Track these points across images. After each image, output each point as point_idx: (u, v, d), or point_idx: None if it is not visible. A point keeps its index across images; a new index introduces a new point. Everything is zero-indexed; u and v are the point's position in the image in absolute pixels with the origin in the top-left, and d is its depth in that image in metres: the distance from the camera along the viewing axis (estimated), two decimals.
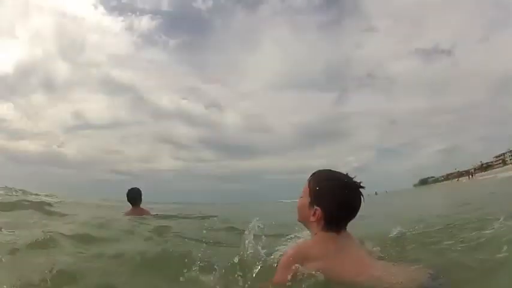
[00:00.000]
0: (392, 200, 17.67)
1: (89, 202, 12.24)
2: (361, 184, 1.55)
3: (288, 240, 2.08)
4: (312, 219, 1.56)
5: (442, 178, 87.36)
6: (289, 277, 1.43)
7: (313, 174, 1.67)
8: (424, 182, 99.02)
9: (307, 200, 1.61)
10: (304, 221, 1.66)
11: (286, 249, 1.75)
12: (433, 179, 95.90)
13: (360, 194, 1.56)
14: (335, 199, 1.53)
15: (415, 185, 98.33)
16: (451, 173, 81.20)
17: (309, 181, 1.64)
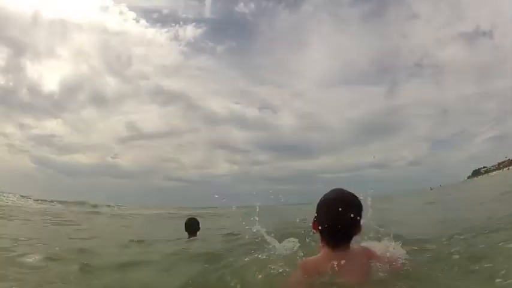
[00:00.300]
0: (446, 196, 16.78)
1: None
2: (340, 209, 1.55)
3: None
4: (314, 230, 1.69)
5: (494, 168, 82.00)
6: None
7: None
8: (476, 173, 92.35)
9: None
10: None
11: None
12: (485, 169, 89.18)
13: (344, 214, 1.55)
14: (321, 215, 1.64)
15: (468, 177, 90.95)
16: (502, 162, 77.16)
17: None
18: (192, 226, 4.79)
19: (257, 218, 2.22)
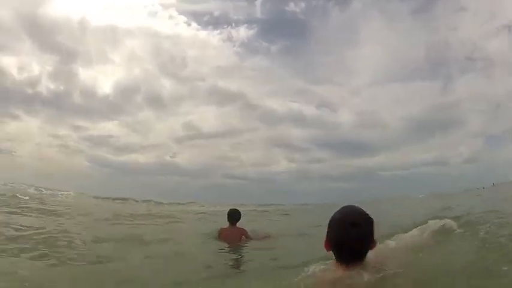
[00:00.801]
0: (497, 194, 16.25)
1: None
2: (356, 222, 1.54)
3: None
4: (326, 249, 1.62)
5: None
6: None
7: None
8: None
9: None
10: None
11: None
12: None
13: (355, 232, 1.52)
14: (331, 234, 1.60)
15: None
16: None
17: None
18: (234, 216, 5.16)
19: None
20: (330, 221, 1.64)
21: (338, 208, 1.68)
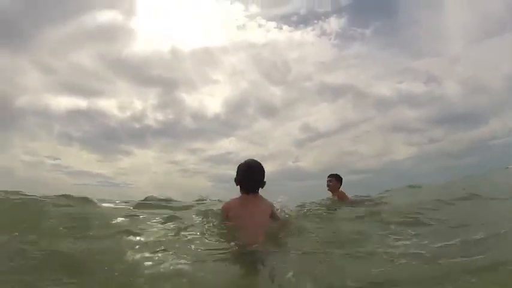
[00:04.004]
0: None
1: None
2: (254, 169, 2.73)
3: None
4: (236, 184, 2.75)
5: None
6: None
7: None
8: None
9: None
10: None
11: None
12: None
13: (253, 171, 2.71)
14: (240, 175, 2.73)
15: None
16: None
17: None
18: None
19: None
20: (239, 167, 2.78)
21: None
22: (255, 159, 2.83)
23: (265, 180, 2.74)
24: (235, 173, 2.76)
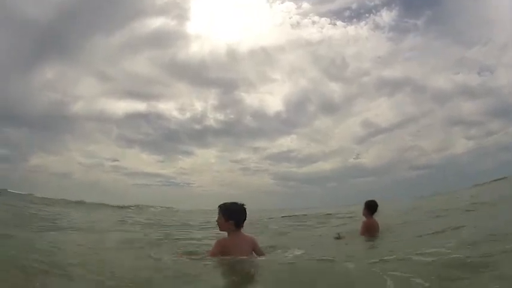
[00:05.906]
0: None
1: None
2: (245, 209, 3.37)
3: None
4: (223, 228, 3.37)
5: None
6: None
7: (221, 206, 3.41)
8: None
9: (222, 218, 3.34)
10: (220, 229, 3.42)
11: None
12: None
13: (245, 213, 3.38)
14: (234, 213, 3.33)
15: None
16: None
17: (219, 207, 3.41)
18: (374, 207, 5.46)
19: None
20: (230, 208, 3.36)
21: None
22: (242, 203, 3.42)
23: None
24: (223, 214, 3.33)
